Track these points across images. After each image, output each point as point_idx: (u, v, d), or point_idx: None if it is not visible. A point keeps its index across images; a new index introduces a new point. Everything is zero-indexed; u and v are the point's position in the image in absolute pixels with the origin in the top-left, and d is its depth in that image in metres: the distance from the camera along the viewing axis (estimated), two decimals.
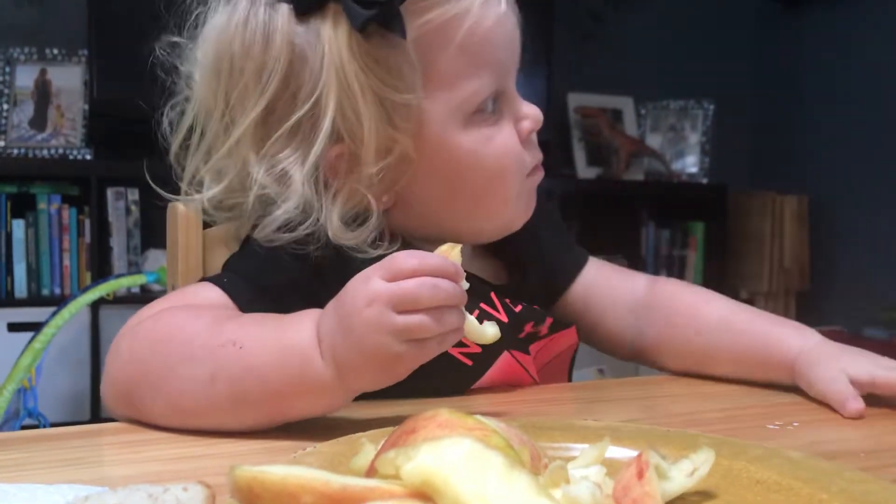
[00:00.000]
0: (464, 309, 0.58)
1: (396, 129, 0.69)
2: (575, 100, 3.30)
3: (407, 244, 0.74)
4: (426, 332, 0.55)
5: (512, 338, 0.76)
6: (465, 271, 0.58)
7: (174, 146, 0.75)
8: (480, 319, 0.62)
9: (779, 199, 3.23)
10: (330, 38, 0.67)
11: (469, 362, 0.74)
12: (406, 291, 0.54)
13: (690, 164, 3.34)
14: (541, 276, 0.86)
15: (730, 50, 3.54)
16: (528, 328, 0.79)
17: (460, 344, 0.65)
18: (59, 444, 0.58)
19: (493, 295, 0.77)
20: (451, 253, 0.59)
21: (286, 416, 0.59)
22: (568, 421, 0.57)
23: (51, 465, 0.53)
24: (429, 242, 0.73)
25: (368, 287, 0.55)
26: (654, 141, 3.38)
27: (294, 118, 0.68)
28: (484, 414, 0.43)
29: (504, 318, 0.76)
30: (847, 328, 3.00)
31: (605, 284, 0.89)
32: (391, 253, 0.70)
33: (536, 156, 0.76)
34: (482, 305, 0.76)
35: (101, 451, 0.56)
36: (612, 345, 0.89)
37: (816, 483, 0.46)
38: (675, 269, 3.30)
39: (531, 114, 0.74)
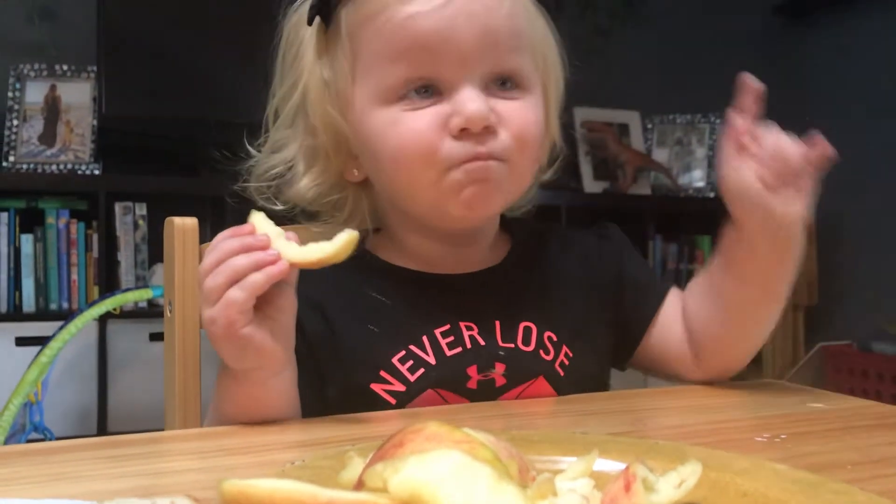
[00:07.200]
0: (278, 239, 0.64)
1: (333, 107, 0.79)
2: (581, 114, 3.30)
3: (376, 230, 0.85)
4: (213, 287, 0.63)
5: (443, 379, 0.77)
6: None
7: None
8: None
9: None
10: (304, 32, 0.80)
11: (392, 400, 0.76)
12: (201, 274, 0.65)
13: (697, 178, 3.34)
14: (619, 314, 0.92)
15: (735, 64, 3.52)
16: (474, 374, 0.78)
17: (383, 381, 0.75)
18: (46, 458, 0.58)
19: (424, 338, 0.78)
20: (254, 216, 0.67)
21: (262, 412, 0.69)
22: (556, 433, 0.57)
23: (38, 480, 0.53)
24: (403, 229, 0.83)
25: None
26: (660, 155, 3.37)
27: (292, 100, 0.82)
28: (472, 427, 0.43)
29: (432, 361, 0.77)
30: (856, 343, 2.98)
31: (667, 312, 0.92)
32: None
33: (468, 150, 0.74)
34: (411, 347, 0.77)
35: (88, 466, 0.56)
36: (678, 363, 0.88)
37: (803, 495, 0.46)
38: (682, 283, 3.24)
39: (465, 111, 0.73)
